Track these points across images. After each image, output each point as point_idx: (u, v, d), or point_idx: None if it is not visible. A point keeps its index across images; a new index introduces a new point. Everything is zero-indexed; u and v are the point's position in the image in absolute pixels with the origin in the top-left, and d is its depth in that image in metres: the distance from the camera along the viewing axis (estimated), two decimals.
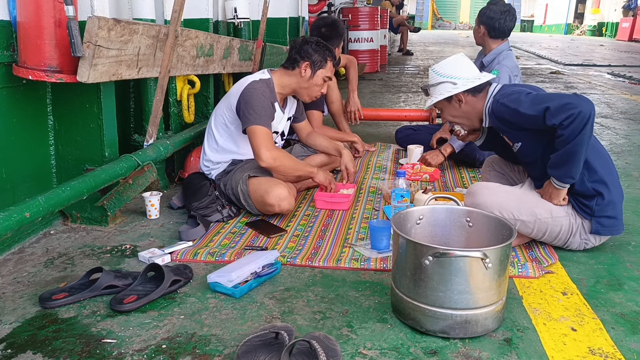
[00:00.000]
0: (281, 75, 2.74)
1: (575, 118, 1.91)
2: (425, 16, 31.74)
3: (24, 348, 1.59)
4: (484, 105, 2.25)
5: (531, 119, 2.04)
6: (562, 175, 2.07)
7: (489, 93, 2.25)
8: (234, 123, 2.68)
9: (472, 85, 2.24)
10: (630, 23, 19.42)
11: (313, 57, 2.68)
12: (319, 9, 7.94)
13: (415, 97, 6.84)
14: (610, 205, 2.14)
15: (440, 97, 2.28)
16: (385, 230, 2.19)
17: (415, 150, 3.51)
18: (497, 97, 2.19)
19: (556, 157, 2.05)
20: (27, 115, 2.38)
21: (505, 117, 2.14)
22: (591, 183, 2.11)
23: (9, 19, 2.21)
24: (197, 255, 2.18)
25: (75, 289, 1.88)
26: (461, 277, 1.56)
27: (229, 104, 2.68)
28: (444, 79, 2.27)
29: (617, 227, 2.19)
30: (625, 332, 1.68)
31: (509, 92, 2.18)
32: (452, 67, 2.28)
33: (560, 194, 2.13)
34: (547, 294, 1.90)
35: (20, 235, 2.31)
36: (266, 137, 2.54)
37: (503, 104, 2.14)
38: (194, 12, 3.50)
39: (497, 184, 2.36)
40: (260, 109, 2.56)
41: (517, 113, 2.07)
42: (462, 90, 2.24)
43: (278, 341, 1.54)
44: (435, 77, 2.31)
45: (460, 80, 2.24)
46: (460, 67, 2.27)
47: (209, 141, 2.79)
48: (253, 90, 2.59)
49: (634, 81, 8.43)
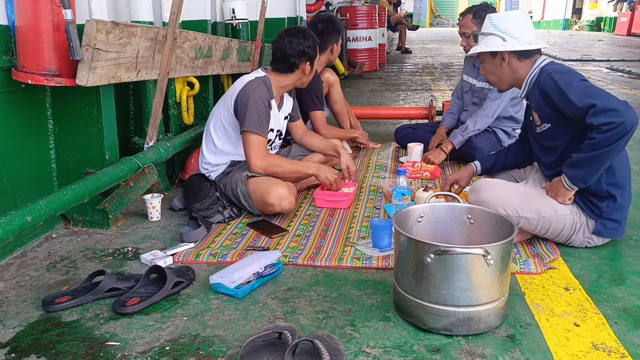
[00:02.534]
0: (277, 76, 2.71)
1: (616, 127, 1.85)
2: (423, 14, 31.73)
3: (28, 352, 1.59)
4: (526, 73, 2.17)
5: (574, 108, 1.97)
6: (576, 177, 2.03)
7: (537, 63, 2.16)
8: (232, 125, 2.67)
9: (521, 48, 2.14)
10: (629, 18, 19.41)
11: (309, 53, 2.67)
12: (316, 9, 7.93)
13: (414, 95, 6.84)
14: (620, 209, 2.13)
15: (485, 49, 2.20)
16: (386, 229, 2.19)
17: (415, 148, 3.51)
18: (548, 69, 2.09)
19: (578, 158, 2.00)
20: (27, 119, 2.39)
21: (549, 93, 2.05)
22: (607, 185, 2.08)
23: (7, 23, 2.21)
24: (199, 256, 2.18)
25: (77, 292, 1.88)
26: (463, 274, 1.56)
27: (226, 105, 2.67)
28: (496, 31, 2.17)
29: (618, 231, 2.18)
30: (628, 327, 1.68)
31: (564, 69, 2.08)
32: (509, 23, 2.17)
33: (567, 194, 2.10)
34: (549, 290, 1.90)
35: (22, 239, 2.31)
36: (258, 145, 2.54)
37: (554, 79, 2.03)
38: (192, 13, 3.50)
39: (502, 180, 2.33)
40: (256, 113, 2.54)
41: (564, 95, 1.99)
42: (509, 49, 2.15)
43: (281, 341, 1.54)
44: (488, 26, 2.21)
45: (511, 38, 2.15)
46: (517, 26, 2.17)
47: (207, 144, 2.78)
48: (250, 92, 2.58)
49: (633, 75, 8.42)
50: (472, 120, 3.40)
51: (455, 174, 2.58)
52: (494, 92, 3.34)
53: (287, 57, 2.65)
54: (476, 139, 3.39)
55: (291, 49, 2.64)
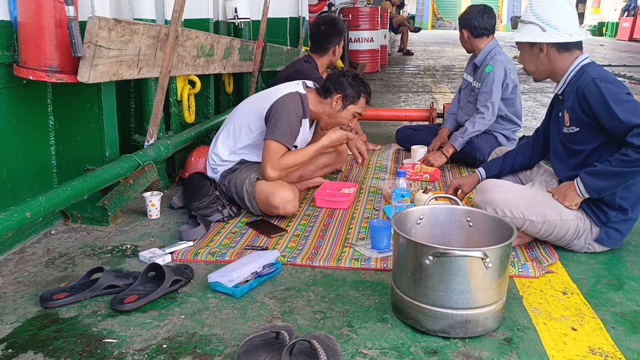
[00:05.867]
0: (314, 98, 2.73)
1: None
2: (425, 16, 31.73)
3: (25, 348, 1.59)
4: (564, 67, 2.12)
5: (615, 122, 1.93)
6: (594, 187, 2.02)
7: (578, 60, 2.10)
8: (259, 129, 2.65)
9: (561, 40, 2.07)
10: (631, 23, 19.41)
11: (347, 90, 2.68)
12: (319, 9, 7.94)
13: (415, 97, 6.84)
14: (628, 222, 2.14)
15: (523, 39, 2.14)
16: (385, 230, 2.19)
17: (419, 151, 3.52)
18: (593, 73, 2.02)
19: (602, 170, 1.98)
20: (28, 116, 2.39)
21: (590, 100, 1.99)
22: (620, 199, 2.08)
23: (9, 19, 2.21)
24: (198, 255, 2.18)
25: (76, 288, 1.88)
26: (461, 276, 1.56)
27: (258, 110, 2.64)
28: (536, 19, 2.10)
29: (619, 242, 2.19)
30: (625, 332, 1.68)
31: (609, 77, 2.01)
32: (549, 11, 2.09)
33: (575, 199, 2.09)
34: (547, 294, 1.90)
35: (21, 235, 2.31)
36: (278, 154, 2.54)
37: (599, 88, 1.97)
38: (194, 12, 3.51)
39: (509, 182, 2.31)
40: (287, 126, 2.55)
41: (607, 106, 1.94)
42: (547, 41, 2.09)
43: (278, 341, 1.54)
44: (528, 14, 2.14)
45: (551, 29, 2.07)
46: (559, 15, 2.09)
47: (225, 139, 2.74)
48: (287, 104, 2.58)
49: (635, 81, 8.43)
50: (470, 122, 3.42)
51: (459, 180, 2.55)
52: (484, 95, 3.36)
53: (327, 80, 2.71)
54: (477, 140, 3.40)
55: (336, 75, 2.70)
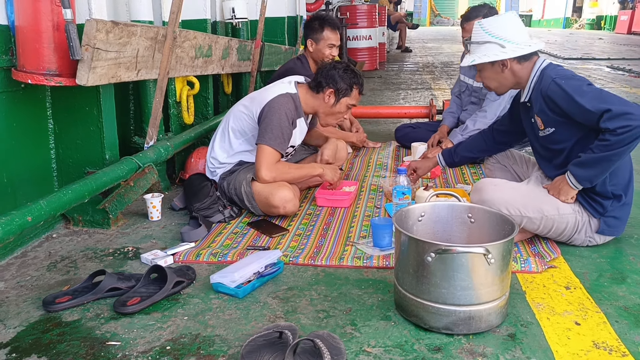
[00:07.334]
0: (306, 94, 2.70)
1: (631, 130, 1.85)
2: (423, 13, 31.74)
3: (29, 352, 1.59)
4: (527, 76, 2.12)
5: (585, 114, 1.95)
6: (584, 177, 2.03)
7: (537, 65, 2.11)
8: (253, 131, 2.64)
9: (522, 53, 2.08)
10: (629, 16, 19.39)
11: (339, 84, 2.64)
12: (316, 8, 7.93)
13: (414, 94, 6.83)
14: (624, 207, 2.14)
15: (486, 59, 2.10)
16: (387, 228, 2.19)
17: (419, 148, 3.51)
18: (552, 74, 2.04)
19: (588, 159, 1.99)
20: (27, 119, 2.38)
21: (555, 100, 2.01)
22: (611, 187, 2.09)
23: (7, 23, 2.21)
24: (200, 256, 2.18)
25: (78, 292, 1.88)
26: (464, 273, 1.56)
27: (251, 111, 2.64)
28: (492, 38, 2.08)
29: (620, 229, 2.19)
30: (629, 325, 1.68)
31: (567, 74, 2.04)
32: (503, 27, 2.09)
33: (570, 192, 2.10)
34: (550, 289, 1.90)
35: (22, 239, 2.31)
36: (271, 158, 2.54)
37: (559, 85, 1.99)
38: (191, 12, 3.50)
39: (504, 180, 2.32)
40: (278, 130, 2.53)
41: (573, 101, 1.96)
42: (510, 57, 2.08)
43: (282, 340, 1.54)
44: (481, 34, 2.12)
45: (509, 44, 2.07)
46: (512, 29, 2.09)
47: (222, 141, 2.74)
48: (277, 107, 2.56)
49: (634, 74, 8.42)
50: (471, 119, 3.41)
51: (416, 162, 2.68)
52: (493, 93, 3.34)
53: (319, 73, 2.68)
54: None
55: (327, 69, 2.67)
